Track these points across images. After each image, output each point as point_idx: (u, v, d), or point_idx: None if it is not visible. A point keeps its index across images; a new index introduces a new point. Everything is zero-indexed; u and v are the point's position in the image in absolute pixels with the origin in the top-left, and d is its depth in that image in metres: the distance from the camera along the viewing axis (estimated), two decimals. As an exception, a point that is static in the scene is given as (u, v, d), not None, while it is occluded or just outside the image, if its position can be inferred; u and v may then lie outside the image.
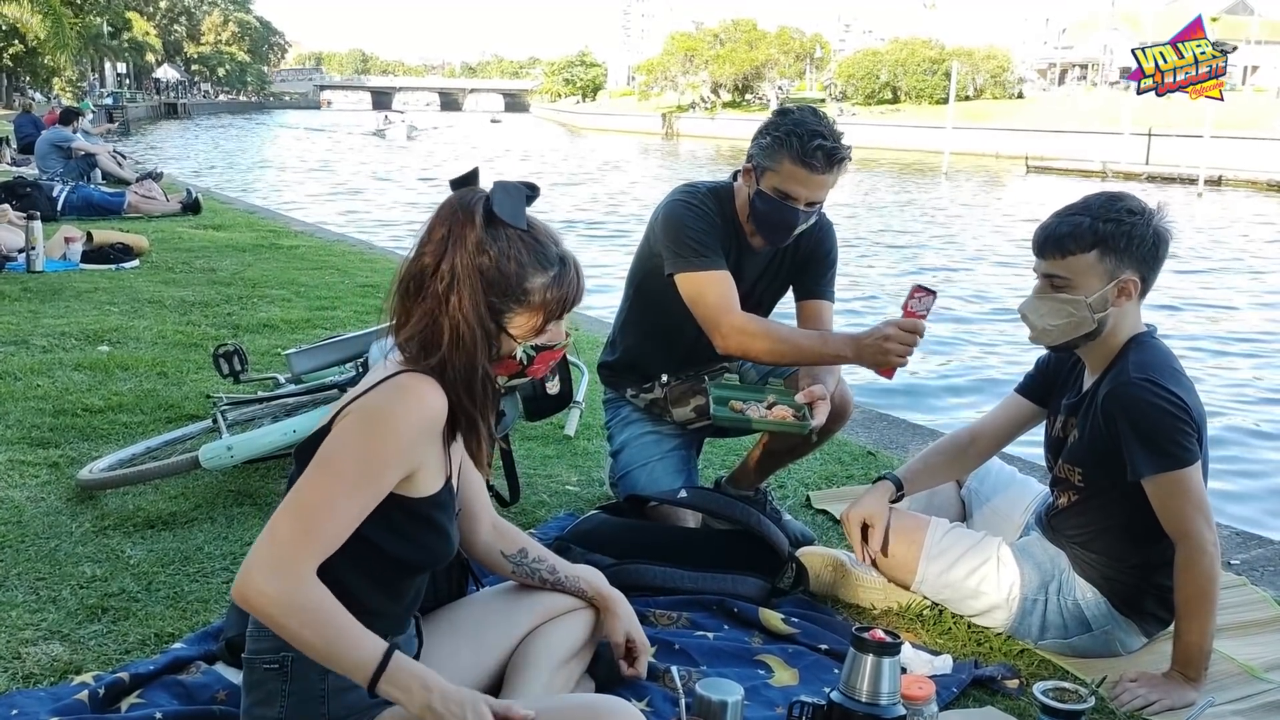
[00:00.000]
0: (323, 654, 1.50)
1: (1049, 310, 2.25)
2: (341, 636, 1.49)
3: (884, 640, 1.77)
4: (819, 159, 2.57)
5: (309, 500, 1.52)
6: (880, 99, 60.02)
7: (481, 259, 1.60)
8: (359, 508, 1.54)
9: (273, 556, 1.48)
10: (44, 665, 2.14)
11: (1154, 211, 2.22)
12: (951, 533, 2.46)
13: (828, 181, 2.62)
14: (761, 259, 2.83)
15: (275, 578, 1.46)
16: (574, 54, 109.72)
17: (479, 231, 1.60)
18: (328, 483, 1.53)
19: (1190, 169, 29.36)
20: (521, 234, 1.64)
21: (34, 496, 3.03)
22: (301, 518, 1.51)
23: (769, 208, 2.65)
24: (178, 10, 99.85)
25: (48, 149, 12.39)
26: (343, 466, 1.53)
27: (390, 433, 1.55)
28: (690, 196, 2.75)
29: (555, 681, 1.89)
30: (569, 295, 1.68)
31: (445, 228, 1.61)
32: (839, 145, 2.60)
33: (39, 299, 6.03)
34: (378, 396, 1.58)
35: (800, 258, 2.86)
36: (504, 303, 1.63)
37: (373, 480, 1.54)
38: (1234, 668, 2.33)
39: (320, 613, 1.48)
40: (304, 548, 1.49)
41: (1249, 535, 3.26)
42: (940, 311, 11.03)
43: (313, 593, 1.48)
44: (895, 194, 26.46)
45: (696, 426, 2.92)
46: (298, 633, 1.48)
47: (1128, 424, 2.16)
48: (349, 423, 1.57)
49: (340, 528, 1.52)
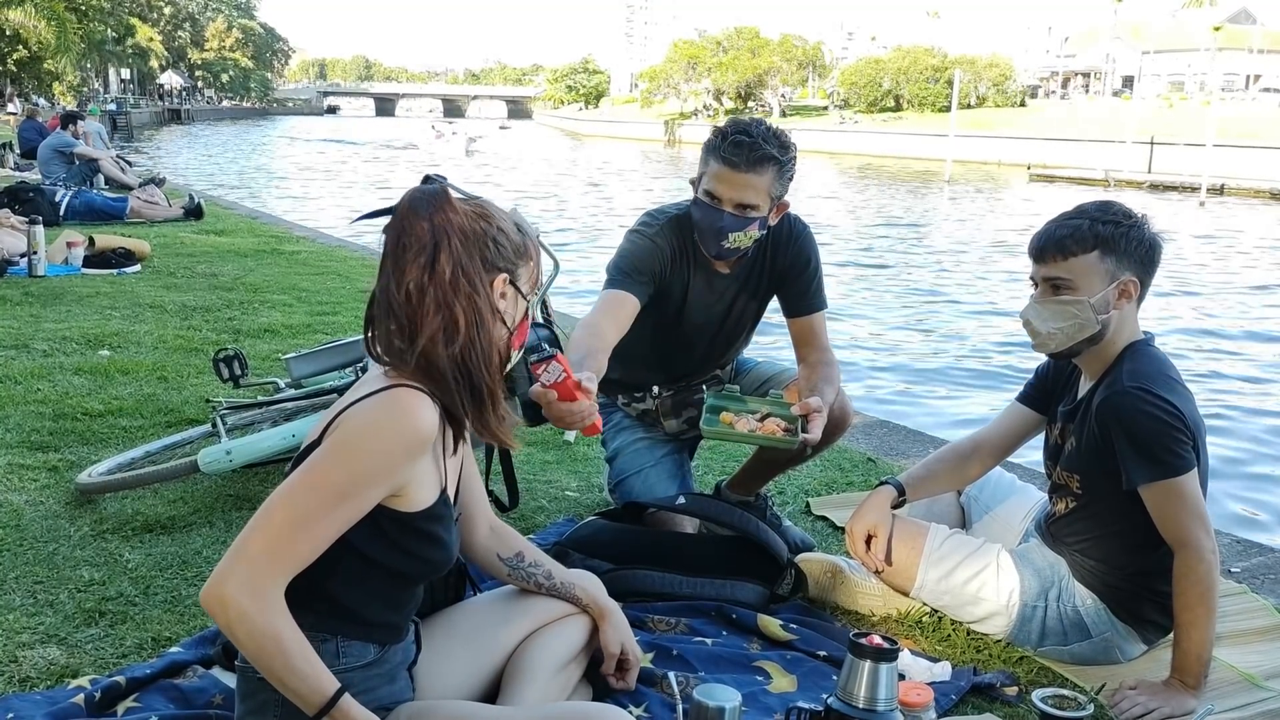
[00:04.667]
0: (274, 680, 1.49)
1: (1052, 314, 2.24)
2: (293, 670, 1.48)
3: (881, 646, 1.77)
4: (736, 154, 2.50)
5: (286, 518, 1.49)
6: (883, 107, 60.12)
7: (475, 232, 1.62)
8: (336, 528, 1.51)
9: (243, 573, 1.45)
10: (40, 669, 2.14)
11: (1146, 218, 2.24)
12: (951, 539, 2.46)
13: (752, 181, 2.52)
14: (735, 278, 2.78)
15: (242, 595, 1.44)
16: (577, 61, 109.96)
17: (461, 211, 1.62)
18: (306, 500, 1.50)
19: (1193, 177, 29.40)
20: (482, 203, 1.70)
21: (33, 500, 3.03)
22: (276, 536, 1.48)
23: (701, 213, 2.62)
24: (182, 17, 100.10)
25: (50, 154, 12.42)
26: (323, 485, 1.51)
27: (374, 453, 1.52)
28: (644, 225, 2.72)
29: (552, 687, 1.88)
30: (537, 242, 1.76)
31: (426, 220, 1.58)
32: (761, 143, 2.50)
33: (40, 303, 6.03)
34: (366, 414, 1.55)
35: (778, 271, 2.80)
36: (512, 263, 1.67)
37: (352, 499, 1.52)
38: (1234, 676, 2.32)
39: (279, 643, 1.46)
40: (274, 565, 1.47)
41: (1250, 543, 3.25)
42: (942, 313, 11.12)
43: (275, 621, 1.46)
44: (893, 199, 26.45)
45: (688, 435, 2.92)
46: (254, 655, 1.48)
47: (1122, 432, 2.15)
48: (335, 439, 1.54)
49: (314, 546, 1.50)
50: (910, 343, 9.92)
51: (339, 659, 1.60)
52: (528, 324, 1.74)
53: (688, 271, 2.73)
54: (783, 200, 2.64)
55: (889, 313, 11.37)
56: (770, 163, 2.53)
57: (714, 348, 2.91)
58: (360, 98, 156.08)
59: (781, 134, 2.59)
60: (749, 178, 2.53)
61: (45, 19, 23.86)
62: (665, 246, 2.68)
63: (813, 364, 2.76)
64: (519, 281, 1.69)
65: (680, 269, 2.72)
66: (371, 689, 1.64)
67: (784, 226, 2.75)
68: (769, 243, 2.74)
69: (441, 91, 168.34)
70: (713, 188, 2.57)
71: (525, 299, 1.71)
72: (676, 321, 2.79)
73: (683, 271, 2.73)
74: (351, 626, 1.62)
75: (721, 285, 2.78)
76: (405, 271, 1.58)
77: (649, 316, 2.67)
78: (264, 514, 1.50)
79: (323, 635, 1.58)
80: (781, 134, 2.59)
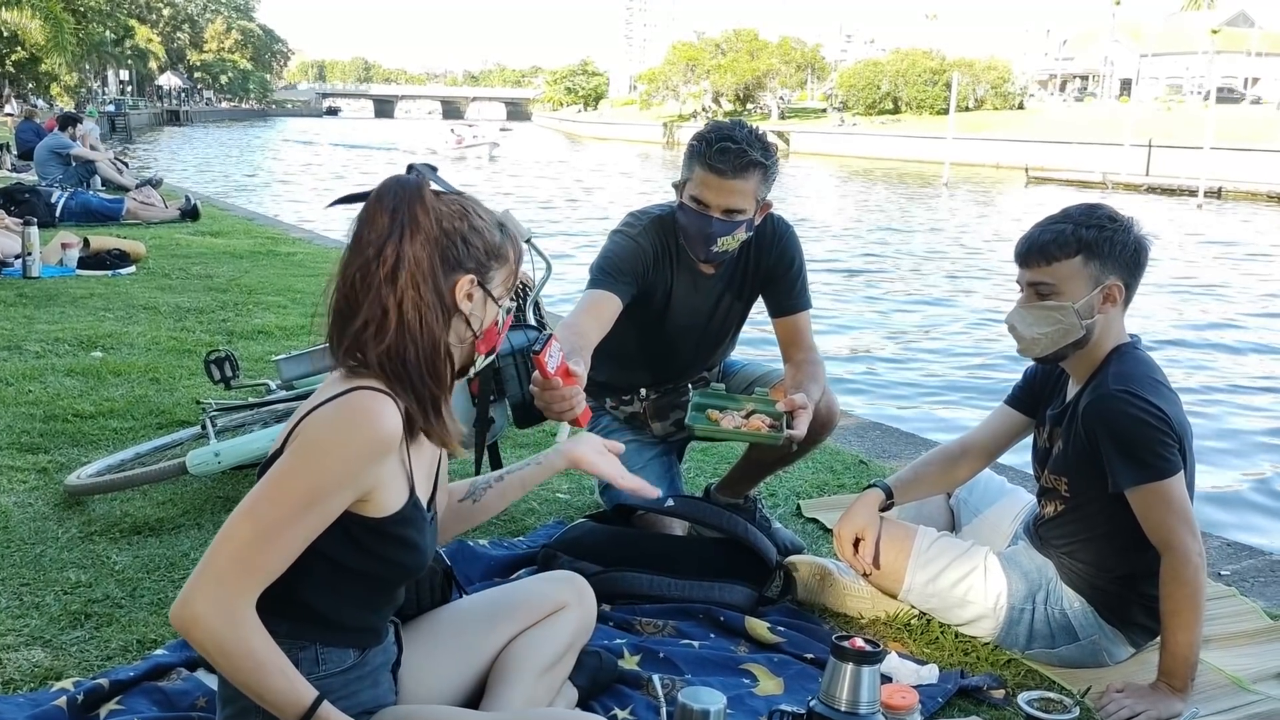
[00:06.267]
0: (252, 694, 1.48)
1: (1036, 318, 2.24)
2: (270, 684, 1.46)
3: (863, 649, 1.76)
4: (722, 161, 2.50)
5: (251, 531, 1.46)
6: (881, 109, 60.08)
7: (442, 229, 1.56)
8: (302, 538, 1.48)
9: (211, 590, 1.43)
10: (24, 671, 2.13)
11: (1132, 220, 2.23)
12: (939, 542, 2.46)
13: (738, 187, 2.53)
14: (720, 279, 2.78)
15: (212, 613, 1.42)
16: (576, 63, 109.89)
17: (433, 206, 1.56)
18: (269, 512, 1.46)
19: (1190, 180, 29.41)
20: (462, 200, 1.63)
21: (21, 502, 3.02)
22: (242, 550, 1.45)
23: (688, 219, 2.62)
24: (181, 18, 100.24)
25: (47, 155, 12.41)
26: (286, 495, 1.47)
27: (335, 460, 1.48)
28: (628, 226, 2.72)
29: (538, 690, 1.86)
30: (520, 246, 1.70)
31: (389, 211, 1.53)
32: (746, 149, 2.50)
33: (34, 304, 6.03)
34: (325, 420, 1.50)
35: (763, 271, 2.81)
36: (482, 264, 1.61)
37: (316, 508, 1.48)
38: (1222, 679, 2.32)
39: (253, 657, 1.45)
40: (243, 580, 1.44)
41: (1240, 545, 3.25)
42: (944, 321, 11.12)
43: (248, 636, 1.44)
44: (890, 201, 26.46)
45: (677, 438, 2.91)
46: (228, 671, 1.46)
47: (1107, 436, 2.15)
48: (296, 448, 1.50)
49: (282, 558, 1.47)
50: (909, 345, 9.92)
51: (319, 665, 1.59)
52: (497, 329, 1.67)
53: (671, 272, 2.73)
54: (766, 200, 2.65)
55: (886, 316, 11.37)
56: (756, 168, 2.54)
57: (700, 349, 2.91)
58: (359, 99, 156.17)
59: (763, 138, 2.59)
60: (735, 184, 2.53)
61: (42, 19, 23.86)
62: (648, 247, 2.68)
63: (798, 363, 2.77)
64: (489, 284, 1.63)
65: (664, 269, 2.72)
66: (353, 693, 1.63)
67: (768, 226, 2.75)
68: (753, 243, 2.74)
69: (440, 93, 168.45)
70: (699, 194, 2.57)
71: (497, 303, 1.65)
72: (661, 322, 2.79)
73: (666, 272, 2.73)
74: (329, 633, 1.61)
75: (706, 286, 2.78)
76: (354, 260, 1.54)
77: (634, 317, 2.66)
78: (229, 528, 1.47)
79: (301, 643, 1.56)
80: (763, 138, 2.59)
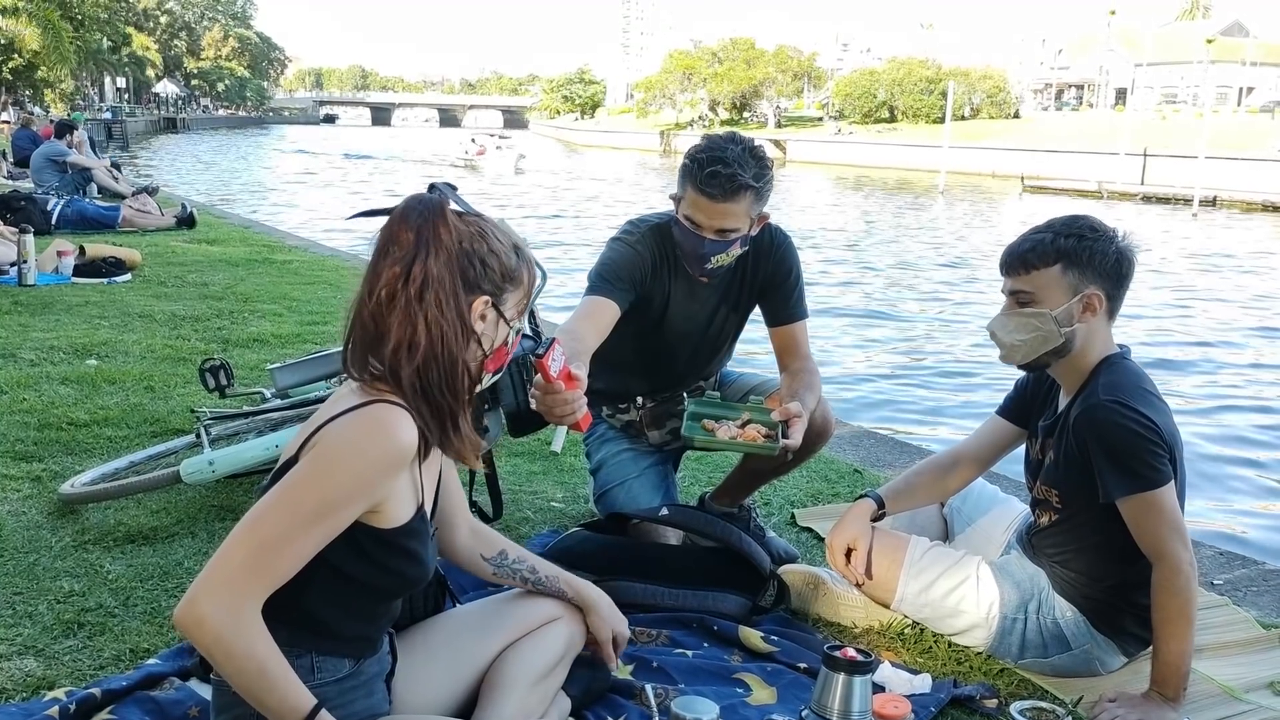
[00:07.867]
0: (251, 698, 1.49)
1: (1016, 326, 2.27)
2: (271, 689, 1.47)
3: (855, 659, 1.77)
4: (713, 186, 2.49)
5: (263, 536, 1.48)
6: (877, 118, 60.25)
7: (463, 249, 1.59)
8: (313, 546, 1.50)
9: (219, 592, 1.45)
10: (17, 681, 2.13)
11: (1116, 231, 2.25)
12: (931, 551, 2.46)
13: (730, 210, 2.52)
14: (716, 288, 2.79)
15: (219, 615, 1.43)
16: (573, 71, 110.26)
17: (454, 226, 1.60)
18: (283, 519, 1.49)
19: (1185, 189, 29.52)
20: (481, 221, 1.66)
21: (14, 510, 3.02)
22: (253, 554, 1.47)
23: (683, 236, 2.62)
24: (178, 25, 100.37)
25: (43, 163, 12.38)
26: (301, 503, 1.49)
27: (353, 472, 1.51)
28: (626, 234, 2.73)
29: (530, 700, 1.87)
30: (534, 269, 1.72)
31: (414, 230, 1.57)
32: (738, 172, 2.48)
33: (29, 312, 6.02)
34: (345, 431, 1.53)
35: (760, 281, 2.82)
36: (498, 286, 1.64)
37: (330, 518, 1.50)
38: (1214, 688, 2.32)
39: (257, 661, 1.46)
40: (251, 584, 1.46)
41: (1232, 555, 3.25)
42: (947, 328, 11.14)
43: (253, 640, 1.46)
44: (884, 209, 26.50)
45: (673, 447, 2.92)
46: (231, 674, 1.47)
47: (1098, 446, 2.16)
48: (313, 456, 1.52)
49: (291, 565, 1.49)
50: (909, 351, 9.93)
51: (314, 674, 1.60)
52: (506, 350, 1.70)
53: (669, 280, 2.74)
54: (763, 213, 2.65)
55: (878, 326, 11.39)
56: (747, 190, 2.52)
57: (697, 357, 2.92)
58: (356, 107, 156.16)
59: (758, 153, 2.56)
60: (727, 207, 2.53)
61: (39, 27, 23.90)
62: (646, 254, 2.69)
63: (794, 372, 2.77)
64: (503, 306, 1.66)
65: (661, 277, 2.73)
66: (348, 703, 1.64)
67: (765, 237, 2.76)
68: (751, 253, 2.74)
69: (437, 101, 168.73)
70: (692, 214, 2.57)
71: (508, 324, 1.68)
72: (658, 329, 2.79)
73: (664, 280, 2.74)
74: (326, 641, 1.62)
75: (703, 294, 2.79)
76: (379, 278, 1.57)
77: (631, 324, 2.67)
78: (241, 532, 1.49)
79: (298, 651, 1.57)
80: (758, 153, 2.56)
